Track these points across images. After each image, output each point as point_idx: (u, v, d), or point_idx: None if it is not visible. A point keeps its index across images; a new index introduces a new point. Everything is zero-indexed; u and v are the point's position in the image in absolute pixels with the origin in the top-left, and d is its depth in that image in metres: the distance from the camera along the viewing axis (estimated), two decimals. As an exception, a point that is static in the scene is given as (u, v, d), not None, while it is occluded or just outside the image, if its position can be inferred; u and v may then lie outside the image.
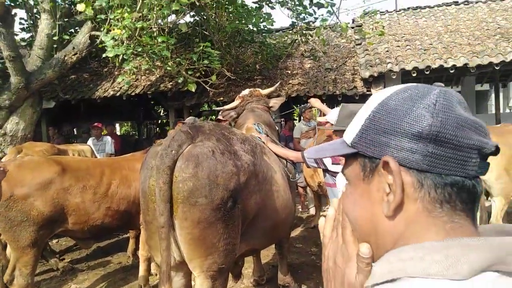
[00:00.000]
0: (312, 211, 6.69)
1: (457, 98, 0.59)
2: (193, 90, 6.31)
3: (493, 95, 12.88)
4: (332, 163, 3.19)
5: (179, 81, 6.39)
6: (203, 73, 6.48)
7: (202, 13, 7.05)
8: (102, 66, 9.51)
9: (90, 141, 8.15)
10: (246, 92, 4.37)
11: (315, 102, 4.03)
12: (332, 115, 3.17)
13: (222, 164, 2.26)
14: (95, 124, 8.24)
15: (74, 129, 11.92)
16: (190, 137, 2.30)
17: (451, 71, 7.51)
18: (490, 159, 0.58)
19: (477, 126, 0.57)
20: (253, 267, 4.27)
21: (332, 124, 3.08)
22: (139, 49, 5.43)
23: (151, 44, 5.45)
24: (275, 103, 4.15)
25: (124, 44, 5.34)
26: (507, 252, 0.50)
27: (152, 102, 12.69)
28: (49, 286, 4.39)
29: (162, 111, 15.00)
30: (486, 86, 15.62)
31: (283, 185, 2.99)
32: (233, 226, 2.30)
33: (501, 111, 13.65)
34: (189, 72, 6.24)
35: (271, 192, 2.78)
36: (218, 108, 4.96)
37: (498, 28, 8.55)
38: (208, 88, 6.82)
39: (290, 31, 9.45)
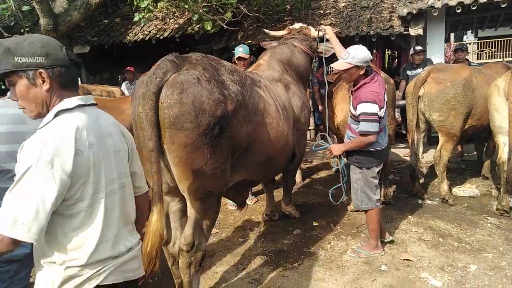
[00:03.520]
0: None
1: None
2: (209, 28, 6.19)
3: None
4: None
5: (194, 18, 6.27)
6: (221, 11, 6.30)
7: None
8: (133, 11, 9.54)
9: (123, 85, 8.43)
10: (296, 26, 4.32)
11: (330, 31, 3.82)
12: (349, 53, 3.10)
13: (207, 91, 2.28)
14: (128, 68, 8.46)
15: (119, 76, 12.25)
16: (176, 66, 2.32)
17: (503, 6, 6.70)
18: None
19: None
20: (266, 203, 4.38)
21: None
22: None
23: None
24: (327, 50, 4.02)
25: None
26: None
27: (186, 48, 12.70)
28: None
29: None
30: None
31: (276, 118, 2.96)
32: (220, 152, 2.35)
33: None
34: (204, 9, 6.10)
35: (263, 124, 2.77)
36: (265, 30, 4.93)
37: None
38: (224, 26, 6.66)
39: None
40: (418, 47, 6.50)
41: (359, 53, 3.05)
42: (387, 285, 2.92)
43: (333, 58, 3.75)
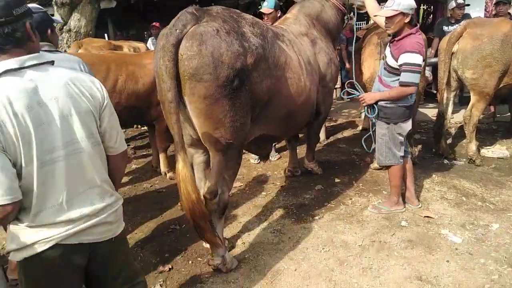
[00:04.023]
0: (361, 115, 6.51)
1: None
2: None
3: None
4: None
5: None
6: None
7: None
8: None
9: (149, 41, 8.43)
10: None
11: None
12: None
13: (227, 43, 2.28)
14: (154, 23, 8.42)
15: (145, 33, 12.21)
16: (196, 18, 2.32)
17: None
18: None
19: None
20: (288, 160, 4.45)
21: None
22: None
23: None
24: (361, 5, 3.88)
25: None
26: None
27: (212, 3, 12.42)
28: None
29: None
30: None
31: (298, 73, 2.93)
32: (240, 105, 2.38)
33: None
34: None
35: (284, 79, 2.76)
36: None
37: None
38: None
39: None
40: (461, 0, 6.07)
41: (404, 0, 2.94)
42: (406, 240, 2.98)
43: (364, 15, 3.63)
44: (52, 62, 1.40)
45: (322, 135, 5.52)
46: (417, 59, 2.91)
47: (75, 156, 1.40)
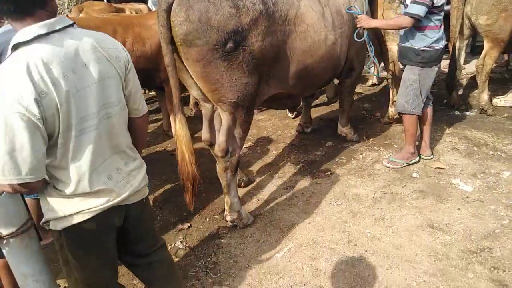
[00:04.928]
0: (373, 70, 6.39)
1: None
2: None
3: None
4: None
5: None
6: None
7: None
8: None
9: (150, 1, 8.20)
10: None
11: None
12: None
13: (215, 6, 2.25)
14: (153, -17, 8.13)
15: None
16: None
17: None
18: None
19: None
20: (302, 116, 4.45)
21: None
22: None
23: None
24: None
25: None
26: None
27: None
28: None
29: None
30: None
31: (316, 25, 2.82)
32: (238, 66, 2.36)
33: None
34: None
35: (295, 33, 2.69)
36: None
37: None
38: None
39: None
40: None
41: None
42: (417, 190, 3.04)
43: None
44: (73, 24, 1.33)
45: (330, 91, 5.47)
46: None
47: (106, 122, 1.38)
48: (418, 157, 3.43)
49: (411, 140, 3.37)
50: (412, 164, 3.40)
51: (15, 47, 1.20)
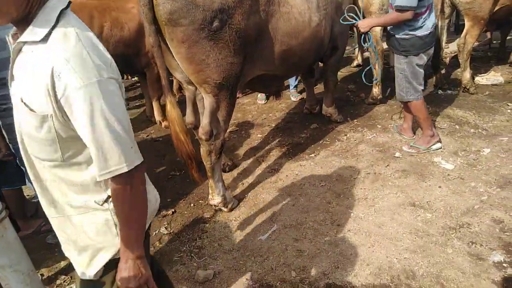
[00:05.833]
0: (355, 51, 6.37)
1: None
2: None
3: None
4: None
5: None
6: None
7: None
8: None
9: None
10: None
11: None
12: None
13: None
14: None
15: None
16: None
17: None
18: None
19: None
20: (306, 97, 4.44)
21: None
22: None
23: None
24: None
25: None
26: None
27: None
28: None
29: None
30: None
31: (298, 6, 2.78)
32: (224, 45, 2.32)
33: None
34: None
35: (279, 14, 2.65)
36: None
37: None
38: None
39: None
40: None
41: None
42: (400, 170, 3.07)
43: None
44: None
45: (315, 72, 5.44)
46: None
47: None
48: (440, 143, 3.31)
49: (426, 124, 3.26)
50: (435, 150, 3.27)
51: (62, 14, 1.07)
